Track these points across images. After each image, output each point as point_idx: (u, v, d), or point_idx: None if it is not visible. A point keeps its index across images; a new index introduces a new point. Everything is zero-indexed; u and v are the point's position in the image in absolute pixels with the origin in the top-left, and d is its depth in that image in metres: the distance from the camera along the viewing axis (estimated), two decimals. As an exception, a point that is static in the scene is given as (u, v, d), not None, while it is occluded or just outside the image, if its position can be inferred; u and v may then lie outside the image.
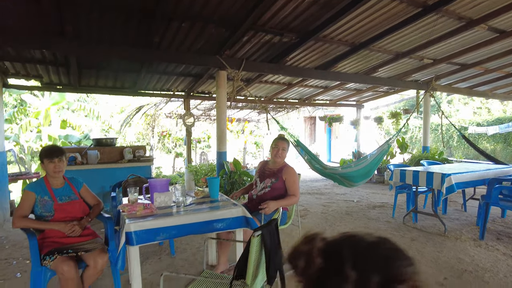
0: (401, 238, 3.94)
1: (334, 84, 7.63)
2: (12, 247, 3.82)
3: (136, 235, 2.07)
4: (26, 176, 6.39)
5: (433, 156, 7.42)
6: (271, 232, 1.58)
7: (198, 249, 3.65)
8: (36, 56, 4.77)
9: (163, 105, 9.28)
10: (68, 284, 2.15)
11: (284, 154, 3.07)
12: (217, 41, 4.43)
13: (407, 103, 13.99)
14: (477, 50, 5.44)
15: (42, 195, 2.40)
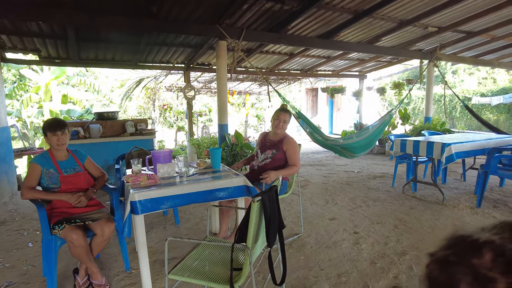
0: (400, 207, 4.03)
1: (337, 54, 7.49)
2: (22, 219, 3.95)
3: (141, 204, 2.13)
4: (30, 151, 6.46)
5: (435, 127, 7.40)
6: (271, 198, 1.63)
7: (201, 219, 3.76)
8: (33, 29, 4.69)
9: (163, 78, 9.18)
10: (78, 251, 2.25)
11: (285, 126, 3.08)
12: (216, 10, 4.32)
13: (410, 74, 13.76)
14: (484, 17, 5.27)
15: (47, 168, 2.45)
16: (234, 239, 1.64)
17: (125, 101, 10.71)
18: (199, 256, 1.92)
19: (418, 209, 3.94)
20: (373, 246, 2.98)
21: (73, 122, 5.58)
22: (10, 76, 14.01)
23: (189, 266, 1.81)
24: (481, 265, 0.39)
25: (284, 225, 1.68)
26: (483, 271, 0.38)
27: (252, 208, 1.52)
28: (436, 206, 4.02)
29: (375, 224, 3.50)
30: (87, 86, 11.21)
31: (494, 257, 0.38)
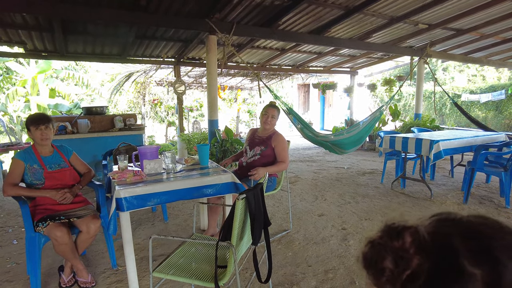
0: (388, 203, 4.07)
1: (328, 49, 7.48)
2: (7, 216, 3.88)
3: (126, 201, 2.10)
4: (17, 146, 6.33)
5: (425, 123, 7.48)
6: (256, 195, 1.62)
7: (190, 215, 3.74)
8: (18, 21, 4.57)
9: (153, 72, 9.07)
10: (62, 248, 2.21)
11: (273, 122, 3.07)
12: (206, 4, 4.26)
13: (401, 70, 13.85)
14: (474, 14, 5.32)
15: (31, 164, 2.40)
16: (219, 236, 1.63)
17: (115, 95, 10.56)
18: (185, 254, 1.90)
19: (406, 205, 3.98)
20: (361, 242, 3.00)
21: (61, 117, 5.48)
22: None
23: (174, 263, 1.80)
24: (400, 247, 0.49)
25: (269, 223, 1.68)
26: (400, 251, 0.48)
27: (237, 206, 1.51)
28: (424, 203, 4.06)
29: (363, 220, 3.52)
30: (76, 80, 11.02)
31: (412, 240, 0.49)
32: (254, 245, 1.59)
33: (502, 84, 12.48)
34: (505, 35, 6.80)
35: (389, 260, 0.49)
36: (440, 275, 0.45)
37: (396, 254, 0.49)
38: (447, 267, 0.45)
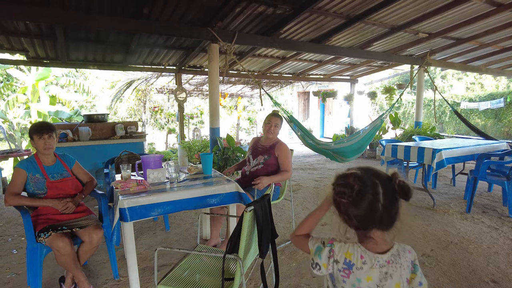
0: (391, 212, 4.04)
1: (329, 58, 7.52)
2: (6, 225, 3.84)
3: (130, 211, 2.08)
4: (17, 153, 6.31)
5: (425, 131, 7.49)
6: (263, 207, 1.60)
7: (192, 224, 3.71)
8: (20, 29, 4.58)
9: (154, 79, 9.09)
10: (64, 259, 2.18)
11: (276, 131, 3.06)
12: (208, 12, 4.29)
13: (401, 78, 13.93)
14: (473, 24, 5.36)
15: (33, 173, 2.38)
16: (226, 248, 1.61)
17: (116, 102, 10.57)
18: (189, 266, 1.88)
19: (409, 214, 3.95)
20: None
21: (62, 124, 5.47)
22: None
23: (179, 276, 1.77)
24: (349, 181, 0.97)
25: (276, 235, 1.66)
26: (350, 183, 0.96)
27: (245, 218, 1.49)
28: (427, 212, 4.04)
29: (366, 229, 3.49)
30: (77, 87, 11.03)
31: (353, 177, 0.98)
32: (261, 257, 1.57)
33: (501, 92, 12.55)
34: (504, 44, 6.85)
35: (346, 188, 0.97)
36: (365, 189, 0.96)
37: (348, 184, 0.97)
38: (368, 185, 0.96)
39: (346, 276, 0.98)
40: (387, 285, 0.97)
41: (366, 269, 0.97)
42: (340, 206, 0.99)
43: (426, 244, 3.12)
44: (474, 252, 2.95)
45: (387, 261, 0.98)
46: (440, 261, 2.79)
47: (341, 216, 1.00)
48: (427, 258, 2.84)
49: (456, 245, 3.10)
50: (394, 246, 1.01)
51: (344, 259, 0.99)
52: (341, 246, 1.01)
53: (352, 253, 0.99)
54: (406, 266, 1.00)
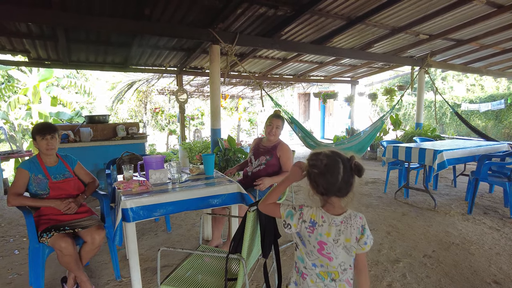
0: (392, 213, 4.04)
1: (329, 59, 7.54)
2: (8, 225, 3.84)
3: (132, 212, 2.09)
4: (18, 154, 6.32)
5: (426, 132, 7.49)
6: None
7: (193, 225, 3.71)
8: (22, 30, 4.60)
9: (155, 81, 9.11)
10: (67, 260, 2.18)
11: (278, 132, 3.07)
12: (210, 14, 4.30)
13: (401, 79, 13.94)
14: (473, 25, 5.38)
15: (36, 173, 2.38)
16: (229, 248, 1.61)
17: (116, 104, 10.58)
18: (192, 266, 1.88)
19: (410, 215, 3.96)
20: (366, 253, 2.97)
21: (63, 125, 5.48)
22: (-2, 77, 13.73)
23: (181, 276, 1.77)
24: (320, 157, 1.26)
25: (279, 235, 1.66)
26: (320, 159, 1.26)
27: (248, 218, 1.49)
28: (428, 213, 4.04)
29: (368, 230, 3.49)
30: (78, 88, 11.05)
31: (323, 155, 1.26)
32: (264, 257, 1.57)
33: (501, 93, 12.55)
34: (504, 46, 6.87)
35: (317, 162, 1.24)
36: (330, 164, 1.23)
37: (319, 159, 1.25)
38: (332, 162, 1.23)
39: (311, 232, 1.27)
40: (340, 239, 1.26)
41: (325, 227, 1.26)
42: (311, 175, 1.28)
43: (428, 245, 3.12)
44: (476, 253, 2.95)
45: (341, 221, 1.27)
46: (442, 262, 2.79)
47: (311, 184, 1.29)
48: (429, 259, 2.84)
49: (458, 246, 3.09)
50: (347, 211, 1.29)
51: (310, 219, 1.28)
52: (308, 209, 1.30)
53: (316, 214, 1.28)
54: (356, 228, 1.28)
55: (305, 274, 1.32)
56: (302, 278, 1.32)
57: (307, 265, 1.31)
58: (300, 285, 1.33)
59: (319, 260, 1.28)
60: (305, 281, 1.31)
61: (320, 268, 1.29)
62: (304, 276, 1.32)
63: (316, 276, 1.29)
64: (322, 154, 1.26)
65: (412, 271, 2.64)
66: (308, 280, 1.31)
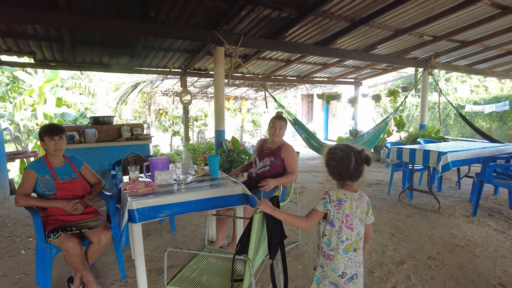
0: (396, 215, 4.04)
1: (333, 61, 7.55)
2: (14, 225, 3.88)
3: (139, 213, 2.10)
4: (23, 155, 6.38)
5: (430, 134, 7.47)
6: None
7: (198, 226, 3.73)
8: (29, 32, 4.65)
9: (159, 82, 9.15)
10: (73, 260, 2.20)
11: (282, 133, 3.08)
12: (214, 16, 4.33)
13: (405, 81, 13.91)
14: (478, 27, 5.37)
15: (43, 174, 2.41)
16: (236, 249, 1.62)
17: (121, 105, 10.64)
18: (198, 267, 1.89)
19: (414, 217, 3.96)
20: (370, 255, 2.98)
21: (69, 126, 5.52)
22: (4, 79, 13.85)
23: (187, 277, 1.79)
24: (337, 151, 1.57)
25: (285, 236, 1.68)
26: (337, 153, 1.56)
27: (254, 219, 1.51)
28: (432, 215, 4.03)
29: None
30: (82, 89, 11.13)
31: (339, 150, 1.55)
32: (271, 258, 1.59)
33: (506, 95, 12.49)
34: (509, 47, 6.84)
35: (334, 155, 1.54)
36: (345, 156, 1.52)
37: (336, 153, 1.54)
38: (346, 154, 1.53)
39: (339, 208, 1.53)
40: (357, 212, 1.54)
41: (348, 202, 1.53)
42: (330, 166, 1.57)
43: (432, 247, 3.12)
44: (480, 255, 2.94)
45: (357, 197, 1.56)
46: (447, 264, 2.78)
47: (329, 172, 1.59)
48: (434, 261, 2.84)
49: (463, 248, 3.09)
50: (358, 191, 1.59)
51: (336, 198, 1.53)
52: (333, 191, 1.55)
53: (339, 193, 1.54)
54: (365, 203, 1.59)
55: (331, 256, 1.54)
56: (329, 260, 1.54)
57: (334, 245, 1.53)
58: (327, 266, 1.55)
59: (345, 234, 1.52)
60: (332, 261, 1.54)
61: (346, 242, 1.52)
62: (330, 258, 1.54)
63: (342, 252, 1.53)
64: (338, 149, 1.54)
65: (416, 273, 2.64)
66: (335, 259, 1.53)
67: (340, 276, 1.52)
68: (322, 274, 1.57)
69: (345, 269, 1.52)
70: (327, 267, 1.55)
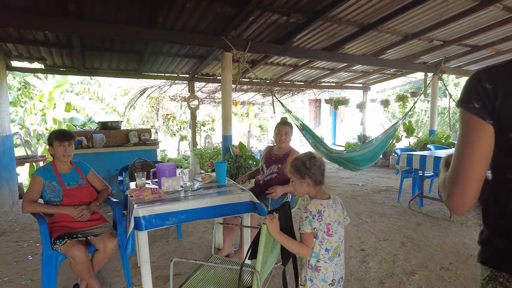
0: (406, 223, 3.95)
1: (341, 66, 7.49)
2: (22, 230, 3.89)
3: (145, 220, 2.08)
4: (33, 159, 6.44)
5: (440, 140, 7.35)
6: (286, 214, 1.62)
7: (204, 233, 3.69)
8: (39, 38, 4.71)
9: (167, 87, 9.20)
10: (79, 267, 2.19)
11: (288, 139, 3.04)
12: (222, 21, 4.33)
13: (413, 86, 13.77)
14: (490, 31, 5.28)
15: (50, 181, 2.41)
16: (244, 258, 1.59)
17: (129, 109, 10.73)
18: (204, 277, 1.85)
19: (425, 225, 3.86)
20: (381, 264, 2.91)
21: (77, 131, 5.57)
22: (16, 83, 14.08)
23: (193, 286, 1.75)
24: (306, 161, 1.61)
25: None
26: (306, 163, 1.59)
27: (262, 231, 1.47)
28: (444, 223, 3.94)
29: (382, 241, 3.42)
30: (91, 94, 11.25)
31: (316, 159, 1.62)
32: (283, 265, 1.58)
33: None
34: (522, 52, 6.72)
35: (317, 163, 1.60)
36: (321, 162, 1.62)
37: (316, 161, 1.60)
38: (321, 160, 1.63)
39: (320, 219, 1.52)
40: (336, 216, 1.57)
41: (327, 210, 1.54)
42: (311, 174, 1.58)
43: (444, 257, 3.03)
44: (495, 267, 2.84)
45: (332, 203, 1.59)
46: (460, 275, 2.70)
47: (311, 179, 1.58)
48: (446, 272, 2.76)
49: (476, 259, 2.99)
50: (331, 195, 1.63)
51: (316, 211, 1.52)
52: (311, 205, 1.54)
53: (316, 205, 1.54)
54: (340, 204, 1.65)
55: (318, 267, 1.54)
56: (317, 271, 1.54)
57: (320, 256, 1.53)
58: (316, 278, 1.54)
59: (328, 242, 1.53)
60: (320, 272, 1.53)
61: (331, 251, 1.53)
62: (318, 269, 1.53)
63: (329, 261, 1.53)
64: (315, 158, 1.62)
65: (428, 284, 2.56)
66: (323, 269, 1.53)
67: (330, 284, 1.54)
68: (313, 287, 1.55)
69: (334, 276, 1.55)
70: (316, 279, 1.54)
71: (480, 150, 0.81)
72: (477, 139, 0.81)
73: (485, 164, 0.82)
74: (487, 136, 0.81)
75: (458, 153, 0.84)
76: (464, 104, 0.84)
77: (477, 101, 0.80)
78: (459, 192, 0.83)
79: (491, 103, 0.79)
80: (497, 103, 0.78)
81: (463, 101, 0.84)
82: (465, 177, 0.81)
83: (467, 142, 0.82)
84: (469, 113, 0.82)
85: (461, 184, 0.82)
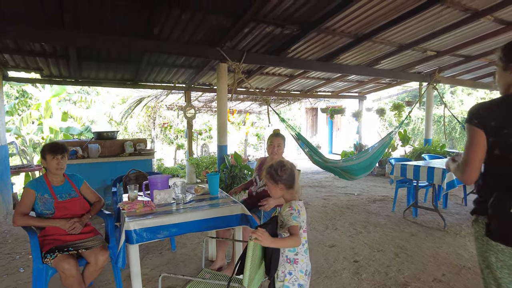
0: (401, 233, 3.95)
1: (336, 76, 7.56)
2: (15, 241, 3.86)
3: (136, 234, 2.08)
4: (28, 168, 6.42)
5: (435, 149, 7.38)
6: (273, 229, 1.62)
7: (198, 244, 3.68)
8: (36, 49, 4.74)
9: (164, 97, 9.23)
10: (70, 281, 2.17)
11: (280, 150, 3.05)
12: (217, 33, 4.38)
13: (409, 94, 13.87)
14: (482, 42, 5.36)
15: (42, 193, 2.40)
16: (232, 274, 1.59)
17: (126, 118, 10.74)
18: (194, 291, 1.85)
19: (419, 236, 3.87)
20: (373, 276, 2.90)
21: (72, 141, 5.57)
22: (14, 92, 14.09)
23: (183, 302, 1.74)
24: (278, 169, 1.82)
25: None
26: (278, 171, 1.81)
27: (249, 247, 1.47)
28: (438, 233, 3.94)
29: (375, 252, 3.42)
30: (88, 103, 11.27)
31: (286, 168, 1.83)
32: (269, 279, 1.60)
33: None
34: (514, 62, 6.79)
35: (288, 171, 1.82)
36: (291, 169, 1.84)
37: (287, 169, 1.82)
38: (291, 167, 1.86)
39: (299, 217, 1.72)
40: (305, 216, 1.81)
41: (302, 209, 1.78)
42: (285, 180, 1.79)
43: (437, 268, 3.03)
44: (488, 278, 2.84)
45: (302, 204, 1.81)
46: (453, 287, 2.69)
47: (284, 185, 1.80)
48: (439, 284, 2.75)
49: (470, 270, 2.99)
50: (300, 198, 1.85)
51: (296, 210, 1.72)
52: (294, 204, 1.75)
53: (297, 205, 1.75)
54: (303, 206, 1.83)
55: (297, 260, 1.72)
56: (295, 264, 1.72)
57: (298, 249, 1.72)
58: (295, 270, 1.72)
59: (303, 238, 1.74)
60: (297, 264, 1.72)
61: (305, 245, 1.76)
62: (296, 261, 1.72)
63: (304, 253, 1.75)
64: (285, 166, 1.80)
65: (421, 297, 2.56)
66: (300, 261, 1.72)
67: (305, 274, 1.74)
68: (292, 279, 1.70)
69: (307, 266, 1.77)
70: (295, 271, 1.72)
71: (479, 145, 1.38)
72: (477, 139, 1.39)
73: (483, 153, 1.39)
74: (481, 138, 1.38)
75: (467, 148, 1.41)
76: (469, 121, 1.43)
77: (476, 119, 1.40)
78: (470, 170, 1.39)
79: (481, 122, 1.39)
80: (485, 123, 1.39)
81: (468, 119, 1.43)
82: (472, 161, 1.38)
83: (472, 141, 1.40)
84: (472, 125, 1.40)
85: (471, 164, 1.39)
